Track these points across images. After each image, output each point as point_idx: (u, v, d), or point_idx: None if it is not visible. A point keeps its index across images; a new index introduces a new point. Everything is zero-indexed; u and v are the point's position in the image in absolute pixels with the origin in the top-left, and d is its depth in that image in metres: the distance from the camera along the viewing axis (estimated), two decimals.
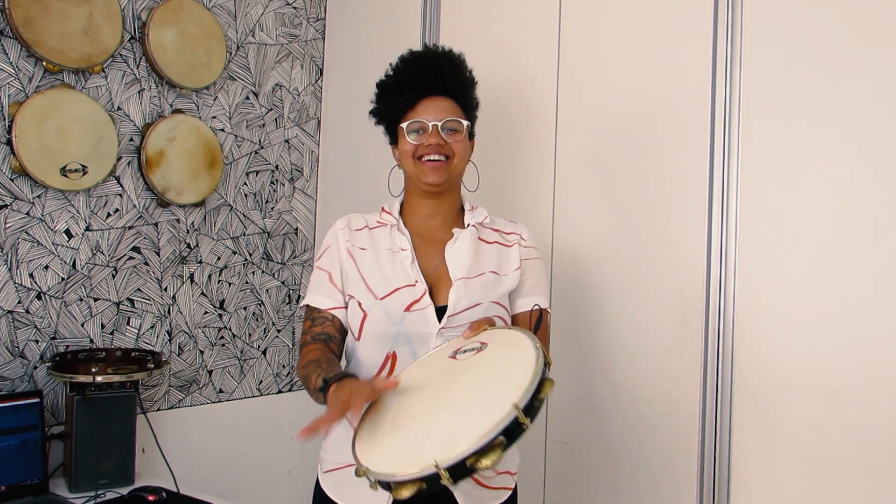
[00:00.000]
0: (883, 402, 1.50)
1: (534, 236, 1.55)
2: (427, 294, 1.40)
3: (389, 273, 1.42)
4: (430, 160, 1.43)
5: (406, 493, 1.04)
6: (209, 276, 2.26)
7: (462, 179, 1.53)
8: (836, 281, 1.56)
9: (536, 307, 1.45)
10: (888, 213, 1.51)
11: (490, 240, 1.50)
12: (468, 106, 1.50)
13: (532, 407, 1.07)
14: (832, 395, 1.55)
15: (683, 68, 1.76)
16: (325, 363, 1.31)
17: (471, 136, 1.52)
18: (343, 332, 1.45)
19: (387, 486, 1.07)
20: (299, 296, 2.51)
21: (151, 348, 2.11)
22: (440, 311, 1.39)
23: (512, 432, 1.04)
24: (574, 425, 1.91)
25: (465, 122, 1.46)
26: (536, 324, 1.42)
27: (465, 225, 1.49)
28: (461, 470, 1.02)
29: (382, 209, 1.52)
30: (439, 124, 1.42)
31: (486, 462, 1.01)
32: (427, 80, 1.45)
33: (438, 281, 1.43)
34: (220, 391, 2.29)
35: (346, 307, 1.45)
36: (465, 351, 1.27)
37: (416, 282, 1.40)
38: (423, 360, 1.34)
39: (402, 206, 1.52)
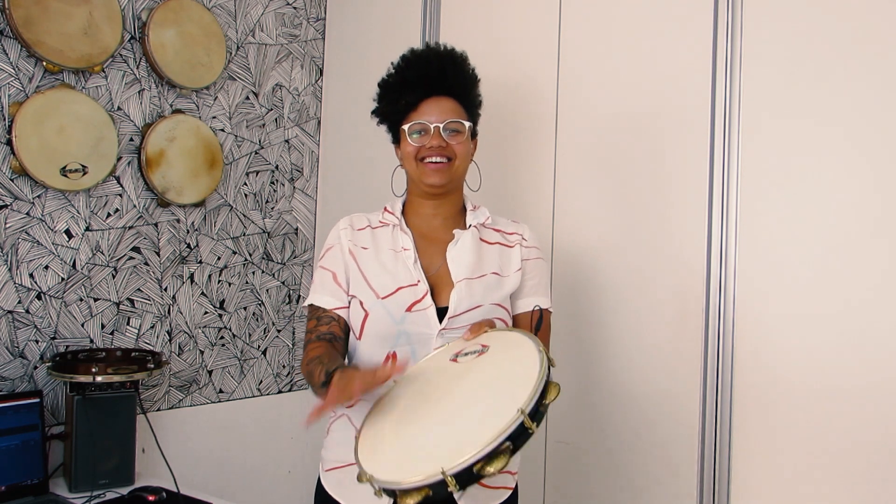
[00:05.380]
0: (883, 401, 1.50)
1: (536, 236, 1.55)
2: (428, 294, 1.39)
3: (391, 272, 1.42)
4: (431, 162, 1.42)
5: (412, 501, 1.03)
6: (209, 276, 2.26)
7: (465, 179, 1.53)
8: (836, 280, 1.56)
9: (536, 308, 1.45)
10: (888, 212, 1.51)
11: (492, 240, 1.49)
12: (471, 105, 1.50)
13: (537, 412, 1.06)
14: (832, 395, 1.56)
15: (683, 68, 1.77)
16: (327, 359, 1.31)
17: (473, 135, 1.51)
18: (347, 332, 1.45)
19: (392, 493, 1.06)
20: (299, 296, 2.50)
21: (151, 348, 2.11)
22: (441, 312, 1.39)
23: (518, 438, 1.03)
24: (574, 425, 1.91)
25: (467, 124, 1.46)
26: (537, 325, 1.41)
27: (467, 225, 1.49)
28: (468, 477, 1.01)
29: (385, 209, 1.52)
30: (441, 125, 1.42)
31: (492, 468, 1.00)
32: (429, 81, 1.44)
33: (440, 281, 1.43)
34: (220, 391, 2.29)
35: (349, 307, 1.44)
36: (465, 354, 1.26)
37: (418, 281, 1.40)
38: (422, 362, 1.33)
39: (404, 205, 1.52)
